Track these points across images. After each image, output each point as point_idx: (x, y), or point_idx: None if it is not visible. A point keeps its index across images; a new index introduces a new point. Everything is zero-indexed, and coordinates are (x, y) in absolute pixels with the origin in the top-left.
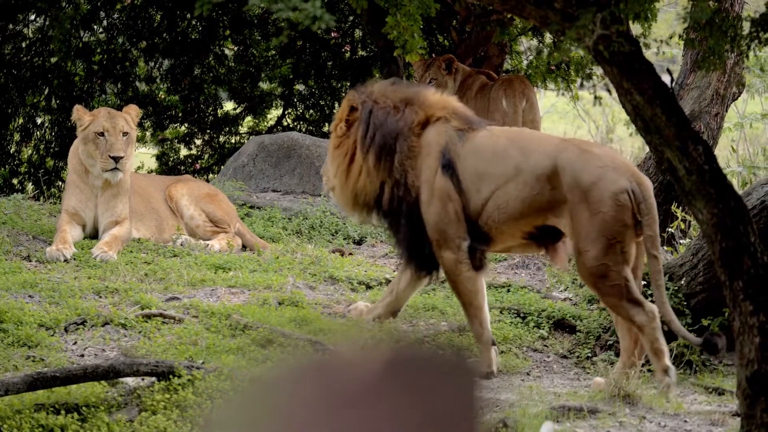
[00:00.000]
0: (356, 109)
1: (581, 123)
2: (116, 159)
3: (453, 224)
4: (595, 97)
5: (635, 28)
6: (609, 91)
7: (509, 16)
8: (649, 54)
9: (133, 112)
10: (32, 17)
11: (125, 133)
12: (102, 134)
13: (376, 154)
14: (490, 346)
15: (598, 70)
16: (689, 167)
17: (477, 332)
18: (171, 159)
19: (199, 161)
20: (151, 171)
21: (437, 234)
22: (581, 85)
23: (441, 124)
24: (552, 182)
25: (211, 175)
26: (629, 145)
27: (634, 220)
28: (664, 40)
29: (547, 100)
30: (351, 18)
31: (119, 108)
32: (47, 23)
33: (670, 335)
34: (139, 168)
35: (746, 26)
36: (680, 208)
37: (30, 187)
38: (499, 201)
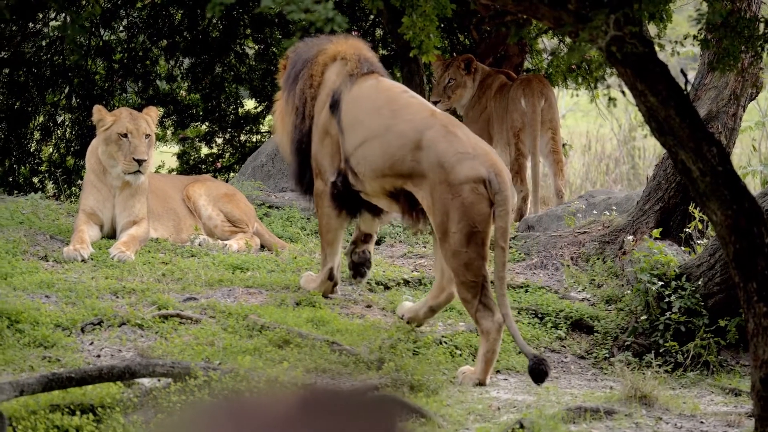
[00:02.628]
0: (289, 58)
1: (603, 121)
2: (140, 162)
3: (327, 158)
4: (609, 99)
5: (652, 29)
6: (623, 92)
7: (524, 16)
8: (666, 54)
9: (153, 113)
10: (52, 15)
11: (147, 135)
12: (125, 135)
13: (288, 90)
14: (328, 273)
15: (614, 71)
16: (703, 168)
17: (322, 260)
18: (192, 158)
19: (220, 160)
20: (173, 170)
21: (315, 163)
22: (595, 85)
23: (342, 65)
24: (414, 154)
25: (231, 174)
26: (653, 143)
27: (491, 211)
28: (678, 41)
29: (569, 98)
30: (371, 17)
31: (140, 107)
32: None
33: (688, 335)
34: (160, 167)
35: (761, 27)
36: (697, 208)
37: (50, 185)
38: (366, 152)
